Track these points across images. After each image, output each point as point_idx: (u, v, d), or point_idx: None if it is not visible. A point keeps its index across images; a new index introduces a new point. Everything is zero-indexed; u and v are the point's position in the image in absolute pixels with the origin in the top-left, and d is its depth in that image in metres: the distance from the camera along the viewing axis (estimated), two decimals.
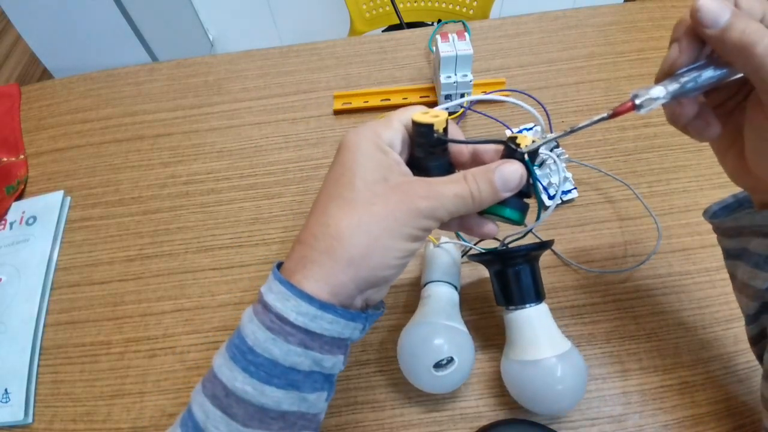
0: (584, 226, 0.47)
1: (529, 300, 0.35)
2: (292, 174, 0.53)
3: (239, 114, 0.58)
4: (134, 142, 0.57)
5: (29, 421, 0.40)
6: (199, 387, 0.27)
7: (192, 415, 0.26)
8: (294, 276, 0.25)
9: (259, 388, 0.24)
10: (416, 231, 0.25)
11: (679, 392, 0.38)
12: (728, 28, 0.22)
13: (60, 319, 0.46)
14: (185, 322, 0.44)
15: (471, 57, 0.51)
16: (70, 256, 0.49)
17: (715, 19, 0.22)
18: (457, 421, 0.38)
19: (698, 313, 0.41)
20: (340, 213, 0.25)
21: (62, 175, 0.55)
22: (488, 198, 0.26)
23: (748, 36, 0.22)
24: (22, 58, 1.71)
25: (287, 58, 0.63)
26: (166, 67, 0.64)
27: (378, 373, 0.40)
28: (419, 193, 0.25)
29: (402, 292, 0.44)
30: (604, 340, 0.41)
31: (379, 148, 0.26)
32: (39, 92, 0.63)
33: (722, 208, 0.33)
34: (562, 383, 0.33)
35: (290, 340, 0.24)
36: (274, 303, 0.25)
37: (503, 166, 0.26)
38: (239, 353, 0.25)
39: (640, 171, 0.50)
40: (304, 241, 0.26)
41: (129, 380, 0.42)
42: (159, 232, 0.50)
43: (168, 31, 1.36)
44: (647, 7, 0.64)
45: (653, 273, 0.44)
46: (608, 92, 0.56)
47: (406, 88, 0.58)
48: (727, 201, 0.33)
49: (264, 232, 0.49)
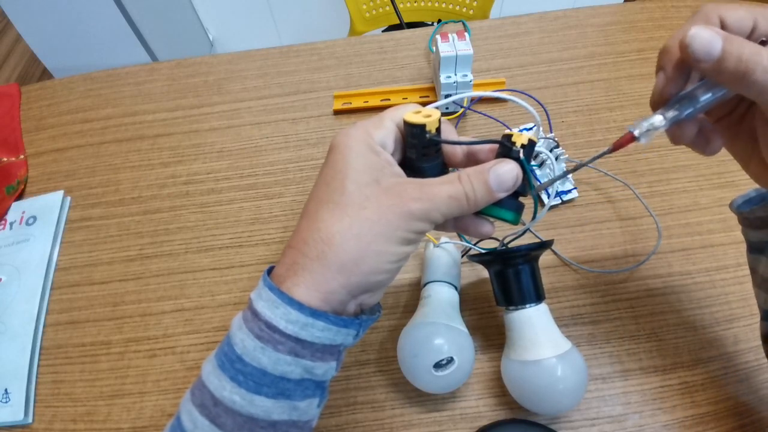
0: (584, 226, 0.47)
1: (529, 300, 0.35)
2: (292, 174, 0.53)
3: (239, 114, 0.58)
4: (134, 142, 0.57)
5: (29, 421, 0.40)
6: (188, 395, 0.26)
7: (181, 424, 0.25)
8: (284, 283, 0.25)
9: (247, 398, 0.24)
10: (409, 234, 0.25)
11: (679, 392, 0.38)
12: (723, 59, 0.21)
13: (60, 319, 0.46)
14: (185, 322, 0.44)
15: (471, 57, 0.51)
16: (70, 256, 0.49)
17: (709, 51, 0.21)
18: (457, 421, 0.38)
19: (698, 313, 0.41)
20: (331, 218, 0.25)
21: (62, 175, 0.55)
22: (483, 199, 0.25)
23: (745, 64, 0.21)
24: (22, 58, 1.71)
25: (287, 58, 0.63)
26: (166, 67, 0.64)
27: (378, 373, 0.40)
28: (412, 195, 0.24)
29: (402, 293, 0.44)
30: (604, 340, 0.41)
31: (371, 149, 0.26)
32: (39, 92, 0.63)
33: (745, 202, 0.33)
34: (563, 383, 0.33)
35: (280, 348, 0.24)
36: (264, 310, 0.24)
37: (498, 166, 0.25)
38: (228, 362, 0.25)
39: (640, 171, 0.50)
40: (294, 246, 0.25)
41: (129, 380, 0.42)
42: (159, 232, 0.50)
43: (168, 31, 1.36)
44: (647, 7, 0.64)
45: (653, 273, 0.44)
46: (608, 92, 0.56)
47: (406, 88, 0.58)
48: (750, 194, 0.33)
49: (264, 232, 0.49)
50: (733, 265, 0.44)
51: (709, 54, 0.21)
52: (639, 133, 0.23)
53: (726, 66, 0.21)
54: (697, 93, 0.24)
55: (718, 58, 0.21)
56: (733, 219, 0.38)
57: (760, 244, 0.32)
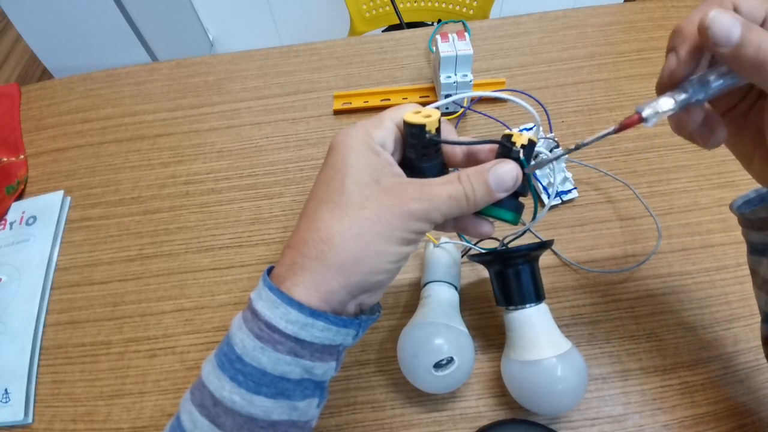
0: (584, 226, 0.47)
1: (529, 300, 0.35)
2: (292, 174, 0.53)
3: (239, 114, 0.58)
4: (134, 142, 0.57)
5: (29, 421, 0.40)
6: (188, 394, 0.26)
7: (180, 424, 0.25)
8: (284, 283, 0.25)
9: (247, 397, 0.24)
10: (409, 234, 0.25)
11: (679, 392, 0.38)
12: (742, 45, 0.21)
13: (60, 319, 0.46)
14: (185, 322, 0.44)
15: (471, 57, 0.51)
16: (70, 256, 0.49)
17: (728, 36, 0.21)
18: (457, 421, 0.38)
19: (698, 313, 0.41)
20: (330, 218, 0.24)
21: (62, 175, 0.55)
22: (483, 199, 0.25)
23: (764, 52, 0.20)
24: (22, 58, 1.71)
25: (287, 58, 0.63)
26: (166, 67, 0.64)
27: (378, 373, 0.40)
28: (411, 195, 0.24)
29: (402, 293, 0.44)
30: (604, 340, 0.41)
31: (371, 149, 0.25)
32: (39, 92, 0.63)
33: (745, 203, 0.33)
34: (563, 383, 0.33)
35: (279, 348, 0.24)
36: (263, 310, 0.24)
37: (498, 166, 0.25)
38: (227, 361, 0.25)
39: (640, 171, 0.50)
40: (294, 246, 0.25)
41: (129, 380, 0.42)
42: (159, 232, 0.50)
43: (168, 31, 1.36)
44: (647, 7, 0.64)
45: (653, 273, 0.44)
46: (608, 92, 0.56)
47: (406, 88, 0.58)
48: (750, 195, 0.33)
49: (264, 232, 0.49)
50: (733, 265, 0.44)
51: (729, 39, 0.21)
52: (647, 114, 0.22)
53: (744, 53, 0.21)
54: (708, 78, 0.23)
55: (737, 45, 0.21)
56: (733, 219, 0.37)
57: (761, 245, 0.32)
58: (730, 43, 0.21)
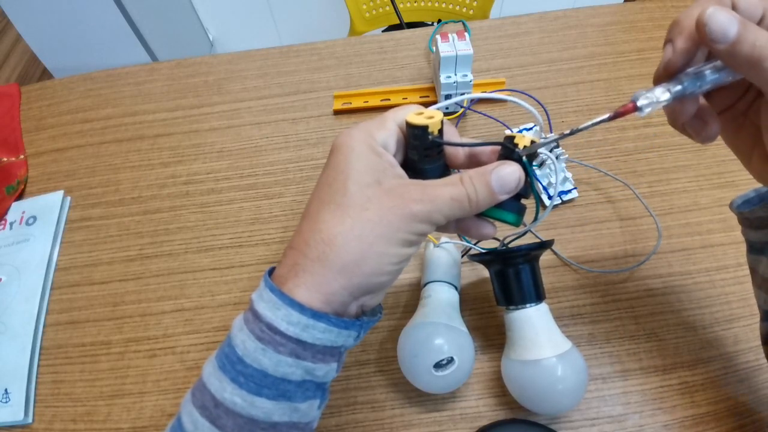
0: (584, 226, 0.47)
1: (530, 300, 0.35)
2: (292, 174, 0.53)
3: (239, 114, 0.58)
4: (134, 142, 0.57)
5: (29, 421, 0.40)
6: (188, 396, 0.26)
7: (181, 425, 0.25)
8: (286, 284, 0.25)
9: (248, 399, 0.24)
10: (411, 236, 0.25)
11: (679, 392, 0.38)
12: (738, 42, 0.21)
13: (60, 319, 0.46)
14: (185, 322, 0.44)
15: (471, 57, 0.51)
16: (70, 256, 0.49)
17: (725, 33, 0.21)
18: (457, 421, 0.38)
19: (698, 313, 0.41)
20: (332, 219, 0.24)
21: (62, 175, 0.55)
22: (485, 201, 0.25)
23: (759, 50, 0.21)
24: (22, 58, 1.71)
25: (287, 58, 0.63)
26: (166, 67, 0.64)
27: (378, 373, 0.40)
28: (414, 196, 0.24)
29: (402, 293, 0.44)
30: (604, 340, 0.41)
31: (373, 150, 0.25)
32: (39, 92, 0.63)
33: (744, 202, 0.33)
34: (563, 383, 0.33)
35: (281, 350, 0.24)
36: (265, 312, 0.24)
37: (500, 168, 0.25)
38: (229, 363, 0.24)
39: (640, 171, 0.50)
40: (296, 247, 0.25)
41: (129, 380, 0.42)
42: (159, 232, 0.50)
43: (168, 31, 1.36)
44: (647, 7, 0.64)
45: (653, 273, 0.44)
46: (608, 92, 0.56)
47: (406, 88, 0.58)
48: (749, 195, 0.33)
49: (264, 232, 0.49)
50: (733, 265, 0.44)
51: (725, 36, 0.21)
52: (641, 103, 0.23)
53: (740, 50, 0.21)
54: (704, 71, 0.23)
55: (733, 41, 0.21)
56: (733, 219, 0.38)
57: (760, 244, 0.32)
58: (727, 40, 0.21)
